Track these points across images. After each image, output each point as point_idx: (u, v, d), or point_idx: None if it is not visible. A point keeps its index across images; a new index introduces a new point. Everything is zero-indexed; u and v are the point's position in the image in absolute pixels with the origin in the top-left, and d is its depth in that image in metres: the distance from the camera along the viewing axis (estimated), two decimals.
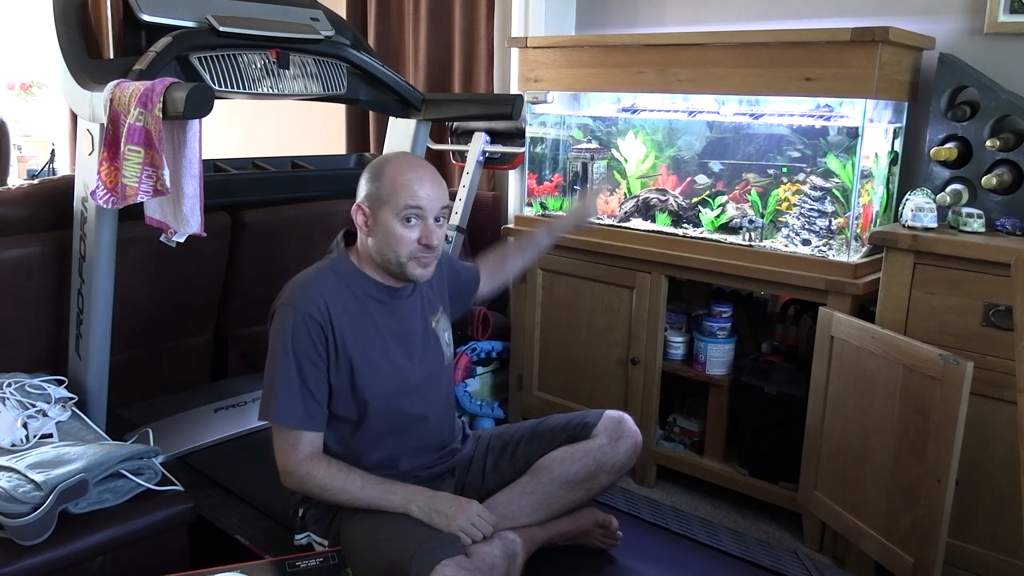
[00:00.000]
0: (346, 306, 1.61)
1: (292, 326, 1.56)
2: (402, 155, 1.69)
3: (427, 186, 1.58)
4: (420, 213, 1.58)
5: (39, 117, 4.94)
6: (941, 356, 1.84)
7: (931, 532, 1.87)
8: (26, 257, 2.06)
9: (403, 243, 1.58)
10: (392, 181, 1.58)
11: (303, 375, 1.56)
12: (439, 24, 3.48)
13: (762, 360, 2.50)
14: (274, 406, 1.56)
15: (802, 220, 2.36)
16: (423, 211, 1.58)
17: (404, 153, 1.70)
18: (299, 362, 1.55)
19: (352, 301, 1.62)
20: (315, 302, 1.57)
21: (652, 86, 2.52)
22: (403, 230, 1.57)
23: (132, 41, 1.92)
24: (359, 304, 1.63)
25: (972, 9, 2.32)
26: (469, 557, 1.48)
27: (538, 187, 2.91)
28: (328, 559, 1.49)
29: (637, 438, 1.76)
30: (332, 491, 1.58)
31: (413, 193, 1.57)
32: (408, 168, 1.60)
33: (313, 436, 1.59)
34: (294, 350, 1.55)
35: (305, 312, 1.56)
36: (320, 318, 1.57)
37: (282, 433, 1.59)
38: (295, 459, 1.58)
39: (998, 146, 2.14)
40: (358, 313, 1.62)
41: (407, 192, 1.57)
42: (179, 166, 1.66)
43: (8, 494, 1.47)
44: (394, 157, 1.66)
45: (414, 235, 1.58)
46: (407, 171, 1.59)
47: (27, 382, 1.92)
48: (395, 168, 1.60)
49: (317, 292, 1.59)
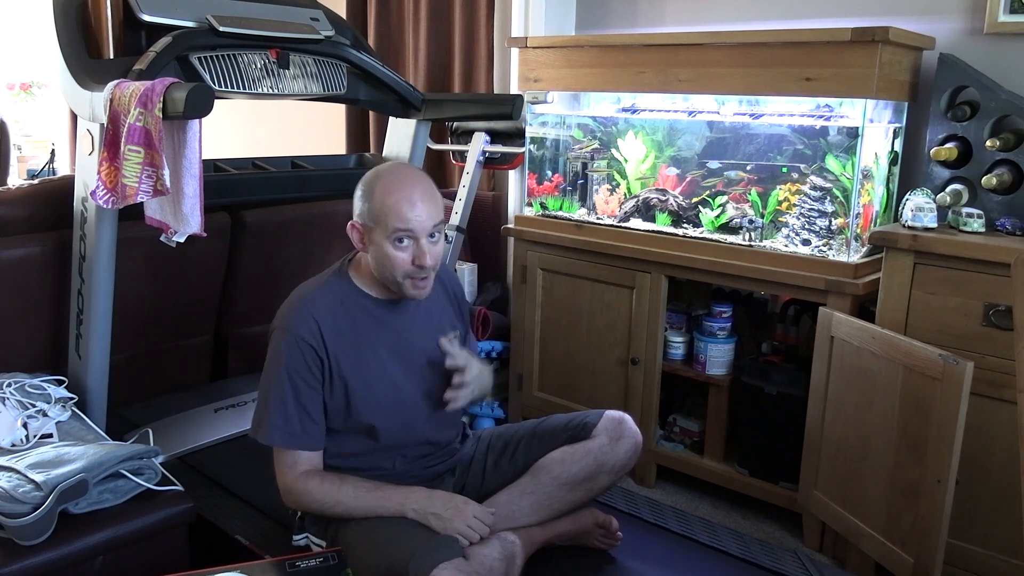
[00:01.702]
0: (338, 327, 1.60)
1: (286, 350, 1.56)
2: (393, 170, 1.61)
3: (416, 207, 1.53)
4: (410, 235, 1.54)
5: (39, 117, 4.94)
6: (941, 356, 1.84)
7: (931, 532, 1.87)
8: (26, 257, 2.06)
9: (396, 264, 1.56)
10: (381, 202, 1.54)
11: (298, 396, 1.56)
12: (439, 24, 3.48)
13: (762, 360, 2.50)
14: (265, 426, 1.57)
15: (802, 220, 2.36)
16: (413, 232, 1.54)
17: (396, 167, 1.63)
18: (294, 384, 1.56)
19: (345, 320, 1.61)
20: (308, 325, 1.57)
21: (652, 86, 2.52)
22: (395, 252, 1.55)
23: (132, 41, 1.92)
24: (352, 323, 1.62)
25: (972, 9, 2.32)
26: (467, 559, 1.48)
27: (538, 187, 2.91)
28: (328, 559, 1.49)
29: (637, 438, 1.76)
30: (328, 504, 1.59)
31: (401, 215, 1.52)
32: (396, 187, 1.55)
33: (310, 455, 1.60)
34: (288, 373, 1.56)
35: (298, 336, 1.56)
36: (313, 342, 1.56)
37: (280, 454, 1.60)
38: (292, 477, 1.59)
39: (998, 146, 2.14)
40: (351, 332, 1.61)
41: (395, 214, 1.52)
42: (179, 166, 1.66)
43: (8, 494, 1.47)
44: (385, 172, 1.60)
45: (407, 256, 1.55)
46: (395, 190, 1.54)
47: (27, 382, 1.92)
48: (384, 187, 1.55)
49: (309, 314, 1.58)
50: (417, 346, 1.68)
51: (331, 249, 2.67)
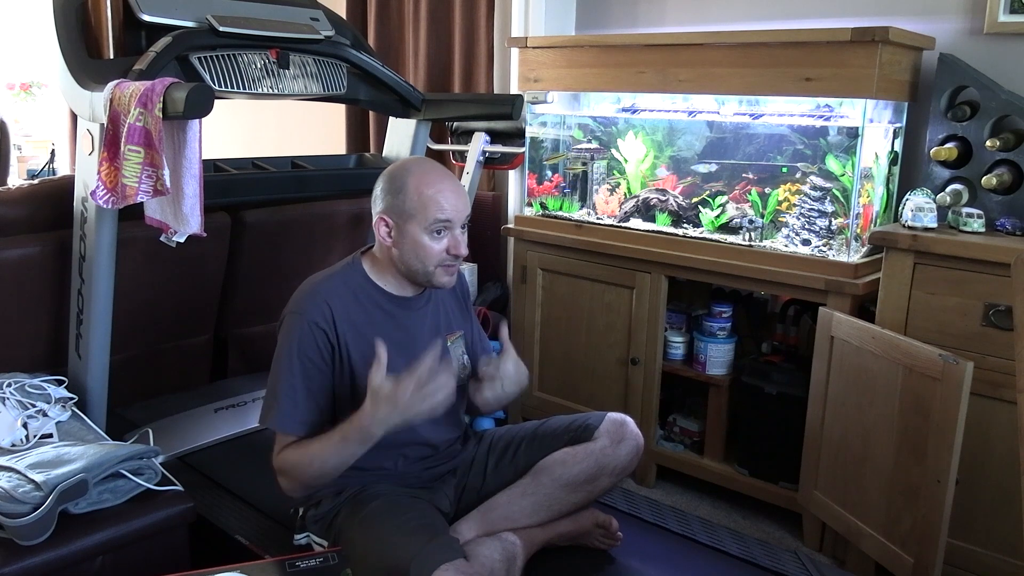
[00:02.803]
0: (350, 315, 1.62)
1: (299, 334, 1.57)
2: (422, 164, 1.66)
3: (451, 198, 1.59)
4: (448, 225, 1.59)
5: (39, 117, 4.94)
6: (941, 356, 1.84)
7: (931, 532, 1.87)
8: (26, 257, 2.06)
9: (431, 254, 1.60)
10: (418, 194, 1.58)
11: (308, 382, 1.57)
12: (439, 24, 3.48)
13: (762, 360, 2.50)
14: (275, 412, 1.57)
15: (802, 220, 2.36)
16: (451, 223, 1.59)
17: (421, 162, 1.67)
18: (305, 368, 1.57)
19: (357, 310, 1.63)
20: (321, 310, 1.59)
21: (652, 86, 2.52)
22: (431, 242, 1.59)
23: (132, 41, 1.92)
24: (365, 314, 1.63)
25: (972, 9, 2.32)
26: (468, 560, 1.48)
27: (538, 187, 2.91)
28: (328, 559, 1.48)
29: (639, 440, 1.76)
30: (304, 464, 1.55)
31: (440, 207, 1.57)
32: (434, 180, 1.60)
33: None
34: (299, 358, 1.57)
35: (311, 320, 1.57)
36: (325, 326, 1.58)
37: (279, 438, 1.60)
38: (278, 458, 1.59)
39: (998, 146, 2.14)
40: (363, 322, 1.63)
41: (435, 206, 1.57)
42: (179, 166, 1.66)
43: (8, 494, 1.47)
44: (414, 166, 1.64)
45: (443, 246, 1.60)
46: (433, 183, 1.59)
47: (27, 382, 1.92)
48: (419, 180, 1.59)
49: (323, 300, 1.60)
50: (424, 344, 1.68)
51: (331, 249, 2.67)
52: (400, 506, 1.60)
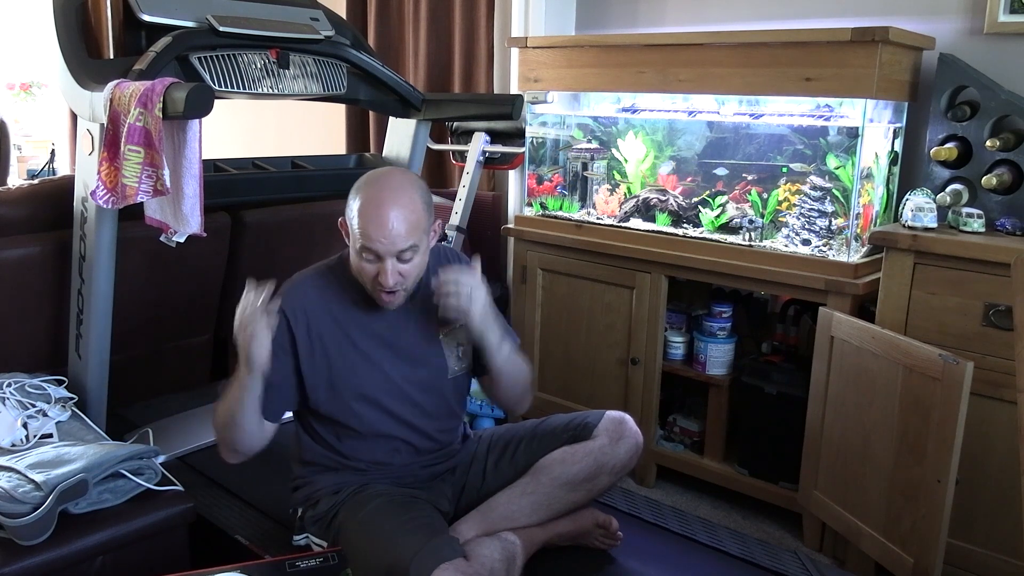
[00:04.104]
0: (330, 307, 1.63)
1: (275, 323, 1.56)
2: (377, 183, 1.56)
3: (385, 229, 1.49)
4: (377, 254, 1.52)
5: (39, 117, 4.94)
6: (941, 356, 1.84)
7: (931, 532, 1.87)
8: (26, 257, 2.06)
9: (364, 276, 1.56)
10: (358, 215, 1.52)
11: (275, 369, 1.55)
12: (439, 24, 3.48)
13: (762, 360, 2.50)
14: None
15: (802, 220, 2.36)
16: (379, 255, 1.52)
17: (383, 178, 1.57)
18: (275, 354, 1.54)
19: (338, 303, 1.64)
20: (298, 300, 1.61)
21: (652, 86, 2.52)
22: (364, 263, 1.54)
23: (132, 41, 1.92)
24: (343, 306, 1.64)
25: (972, 9, 2.32)
26: (468, 560, 1.48)
27: (538, 187, 2.91)
28: (328, 559, 1.49)
29: (638, 439, 1.76)
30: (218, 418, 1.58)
31: (368, 235, 1.50)
32: (373, 204, 1.51)
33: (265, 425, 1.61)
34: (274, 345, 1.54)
35: (280, 308, 1.55)
36: (290, 315, 1.59)
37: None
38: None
39: (998, 146, 2.14)
40: (342, 314, 1.63)
41: (364, 234, 1.51)
42: (179, 166, 1.66)
43: (8, 494, 1.47)
44: (370, 183, 1.56)
45: (372, 272, 1.54)
46: (374, 207, 1.51)
47: (27, 382, 1.92)
48: (365, 199, 1.53)
49: (301, 291, 1.63)
50: (408, 336, 1.68)
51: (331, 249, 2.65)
52: (399, 506, 1.60)
